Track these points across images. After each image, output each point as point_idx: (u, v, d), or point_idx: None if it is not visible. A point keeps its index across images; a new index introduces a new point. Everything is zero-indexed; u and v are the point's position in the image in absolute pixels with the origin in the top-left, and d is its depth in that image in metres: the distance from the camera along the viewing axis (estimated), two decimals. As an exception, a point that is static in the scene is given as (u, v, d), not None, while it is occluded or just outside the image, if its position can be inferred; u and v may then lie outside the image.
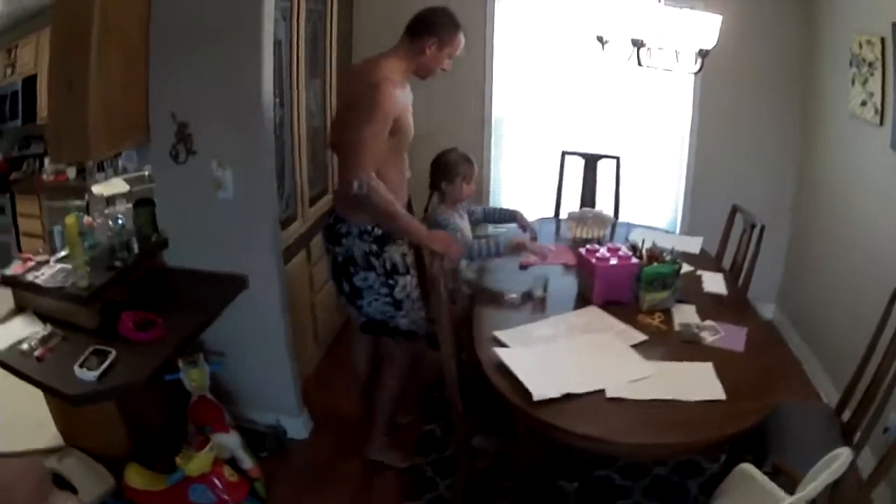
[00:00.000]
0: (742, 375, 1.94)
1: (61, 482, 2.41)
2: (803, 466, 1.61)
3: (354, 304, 2.45)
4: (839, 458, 1.50)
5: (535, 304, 2.38)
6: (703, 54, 2.17)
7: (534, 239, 2.83)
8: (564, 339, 2.12)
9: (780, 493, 1.58)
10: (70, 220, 2.26)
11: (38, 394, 2.48)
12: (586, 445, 1.77)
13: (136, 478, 2.27)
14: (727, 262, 2.93)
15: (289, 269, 2.71)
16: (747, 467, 1.70)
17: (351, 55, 3.59)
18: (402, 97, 2.22)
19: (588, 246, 2.44)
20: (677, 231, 3.74)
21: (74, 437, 2.56)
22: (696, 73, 2.29)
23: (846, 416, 2.18)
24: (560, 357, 2.02)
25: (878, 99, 2.64)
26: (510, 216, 3.02)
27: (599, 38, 2.46)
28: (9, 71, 3.84)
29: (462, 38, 2.31)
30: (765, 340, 2.20)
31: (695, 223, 3.69)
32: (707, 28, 2.15)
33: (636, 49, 2.17)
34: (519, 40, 3.61)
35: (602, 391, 1.84)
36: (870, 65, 2.67)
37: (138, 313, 2.22)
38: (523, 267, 2.66)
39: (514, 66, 3.68)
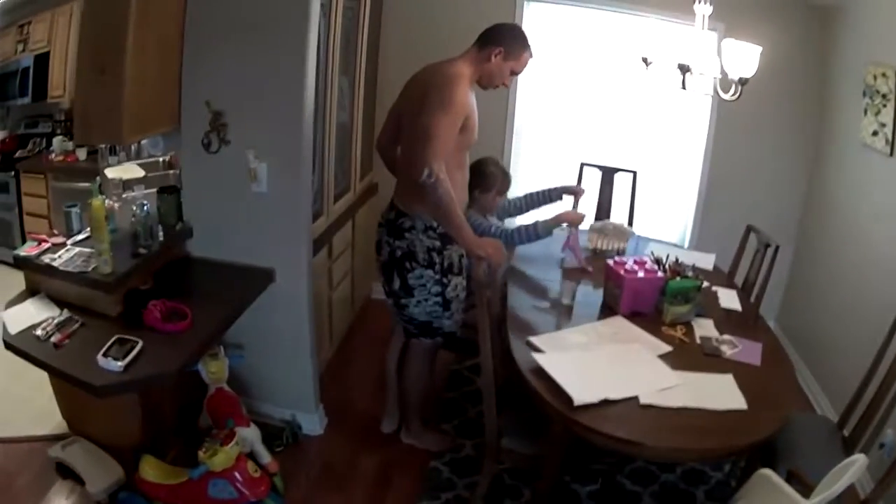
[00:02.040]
0: (760, 387, 2.03)
1: (66, 472, 2.34)
2: (812, 475, 1.74)
3: (399, 302, 2.43)
4: (856, 464, 1.58)
5: (562, 311, 2.43)
6: (742, 82, 2.24)
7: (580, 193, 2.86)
8: (596, 347, 2.16)
9: (800, 497, 1.65)
10: (96, 202, 2.19)
11: (41, 379, 2.41)
12: (622, 448, 1.84)
13: (152, 471, 2.21)
14: (739, 279, 3.00)
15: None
16: (768, 472, 1.77)
17: (378, 54, 3.57)
18: (472, 97, 2.25)
19: (616, 258, 2.49)
20: (686, 245, 3.81)
21: (81, 425, 2.48)
22: (735, 100, 2.35)
23: (846, 431, 2.27)
24: (594, 364, 2.06)
25: (889, 130, 2.72)
26: (556, 195, 2.94)
27: (644, 59, 2.53)
28: (20, 47, 3.70)
29: (528, 58, 2.34)
30: (777, 355, 2.29)
31: (703, 239, 3.76)
32: (748, 57, 2.24)
33: (682, 73, 2.22)
34: (543, 52, 3.65)
35: (636, 398, 1.90)
36: (883, 96, 2.76)
37: (166, 303, 2.17)
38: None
39: (537, 76, 3.70)
